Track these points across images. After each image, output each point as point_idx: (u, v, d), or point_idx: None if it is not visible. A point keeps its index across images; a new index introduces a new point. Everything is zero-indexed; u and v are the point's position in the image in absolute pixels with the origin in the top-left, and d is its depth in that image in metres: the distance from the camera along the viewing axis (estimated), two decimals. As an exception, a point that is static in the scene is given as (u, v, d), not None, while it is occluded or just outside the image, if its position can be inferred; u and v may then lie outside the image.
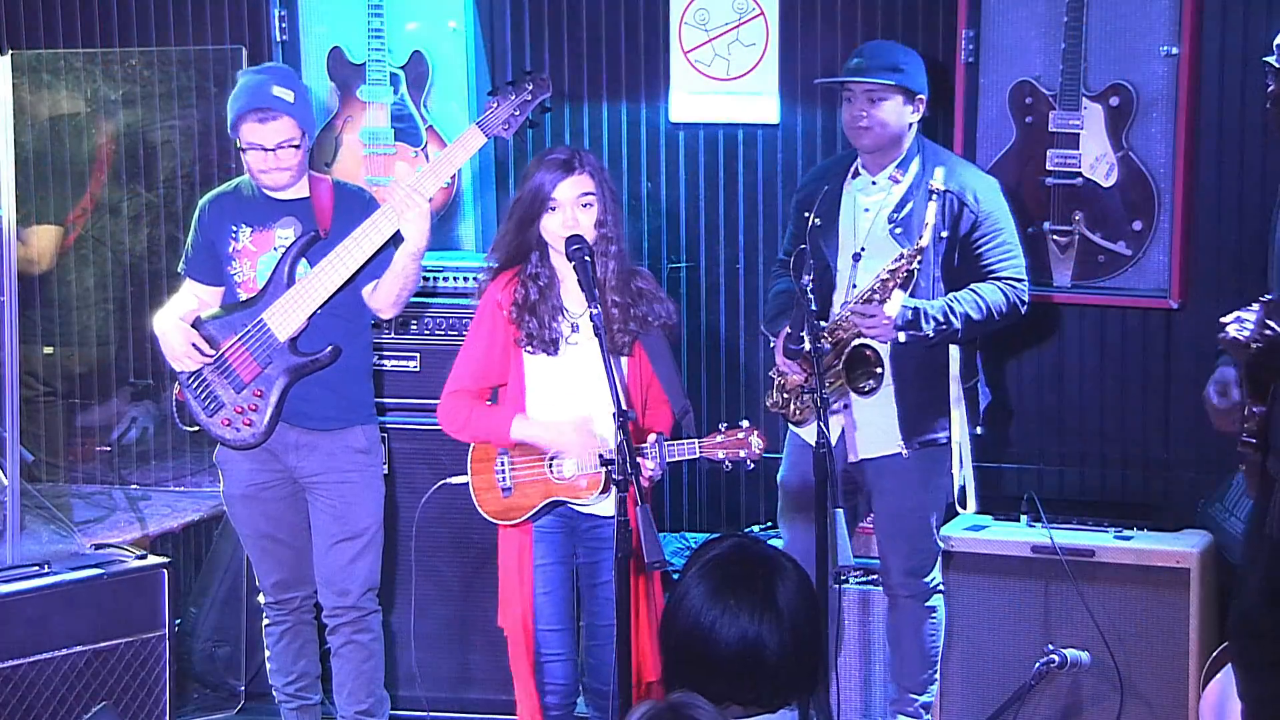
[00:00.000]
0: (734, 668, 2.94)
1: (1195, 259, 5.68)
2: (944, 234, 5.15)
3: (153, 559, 5.47)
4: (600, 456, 4.57)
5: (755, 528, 6.00)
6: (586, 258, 4.59)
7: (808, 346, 4.72)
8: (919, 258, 5.05)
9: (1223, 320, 4.15)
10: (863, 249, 5.22)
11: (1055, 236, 5.69)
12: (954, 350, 5.25)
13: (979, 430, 5.38)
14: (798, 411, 5.25)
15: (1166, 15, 5.54)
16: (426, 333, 5.67)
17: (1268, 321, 4.02)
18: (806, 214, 5.29)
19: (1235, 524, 5.37)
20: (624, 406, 4.36)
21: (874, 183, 5.27)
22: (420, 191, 4.91)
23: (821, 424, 4.60)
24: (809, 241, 5.28)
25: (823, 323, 5.18)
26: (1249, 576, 4.39)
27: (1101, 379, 5.89)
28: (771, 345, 5.28)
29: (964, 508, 5.36)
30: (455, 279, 5.65)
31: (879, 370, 5.01)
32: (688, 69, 6.09)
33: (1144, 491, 5.83)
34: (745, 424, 4.60)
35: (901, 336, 5.06)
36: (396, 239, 4.99)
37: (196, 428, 5.14)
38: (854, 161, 5.32)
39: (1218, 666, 4.95)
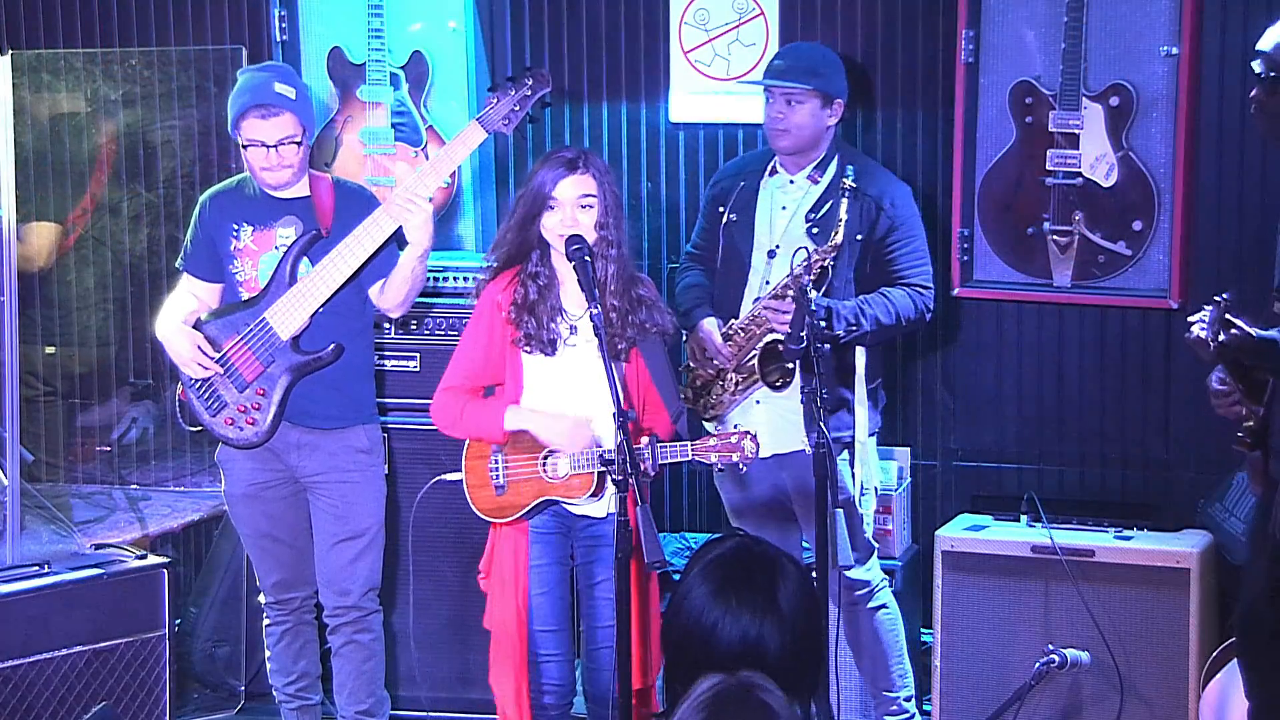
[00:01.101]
0: (735, 668, 2.94)
1: (1195, 259, 5.68)
2: (859, 237, 5.17)
3: (153, 559, 5.47)
4: (600, 457, 4.57)
5: (755, 528, 5.99)
6: (586, 258, 4.58)
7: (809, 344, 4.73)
8: (832, 255, 5.07)
9: (1189, 320, 4.14)
10: (778, 246, 5.24)
11: (1055, 236, 5.69)
12: (860, 351, 5.26)
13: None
14: (708, 407, 5.26)
15: (1166, 15, 5.54)
16: (427, 333, 5.67)
17: (1226, 317, 3.99)
18: (721, 209, 5.33)
19: (1235, 524, 5.37)
20: (624, 406, 4.35)
21: (792, 181, 5.30)
22: (420, 193, 4.91)
23: (821, 424, 4.60)
24: (724, 237, 5.32)
25: (734, 320, 5.21)
26: (1253, 576, 4.38)
27: (1101, 379, 5.88)
28: (684, 340, 5.30)
29: (862, 507, 5.31)
30: (456, 279, 5.65)
31: (790, 366, 5.00)
32: (688, 69, 6.09)
33: (1144, 491, 5.83)
34: (737, 426, 4.59)
35: None
36: (399, 236, 4.99)
37: (199, 428, 5.14)
38: (771, 159, 5.35)
39: (1218, 666, 4.95)
